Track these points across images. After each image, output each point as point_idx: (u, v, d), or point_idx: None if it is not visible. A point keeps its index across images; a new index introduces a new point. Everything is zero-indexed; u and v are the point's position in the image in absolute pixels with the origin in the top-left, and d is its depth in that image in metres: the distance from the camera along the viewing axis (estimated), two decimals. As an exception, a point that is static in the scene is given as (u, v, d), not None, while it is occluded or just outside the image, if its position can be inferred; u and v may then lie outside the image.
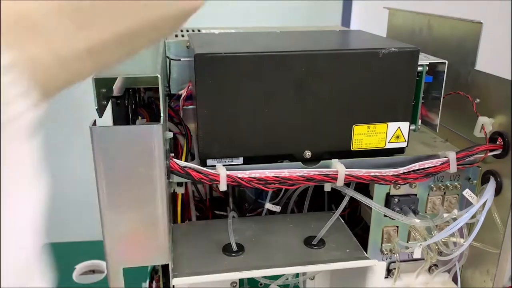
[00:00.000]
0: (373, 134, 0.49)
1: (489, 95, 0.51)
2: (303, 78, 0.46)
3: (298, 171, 0.47)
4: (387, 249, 0.53)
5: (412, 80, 0.49)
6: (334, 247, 0.52)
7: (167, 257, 0.46)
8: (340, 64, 0.47)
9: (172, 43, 0.61)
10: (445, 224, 0.51)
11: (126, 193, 0.43)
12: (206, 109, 0.46)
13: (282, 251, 0.51)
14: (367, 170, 0.47)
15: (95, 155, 0.41)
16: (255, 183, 0.46)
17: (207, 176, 0.45)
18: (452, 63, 0.51)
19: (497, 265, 0.52)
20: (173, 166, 0.44)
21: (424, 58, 0.50)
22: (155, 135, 0.41)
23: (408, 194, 0.52)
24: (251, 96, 0.46)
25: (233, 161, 0.48)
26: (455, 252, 0.52)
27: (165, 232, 0.45)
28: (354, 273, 0.56)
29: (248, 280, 0.68)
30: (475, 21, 0.54)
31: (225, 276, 0.48)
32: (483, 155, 0.50)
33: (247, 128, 0.47)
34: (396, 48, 0.47)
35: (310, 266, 0.50)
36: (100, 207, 0.43)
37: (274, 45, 0.53)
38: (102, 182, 0.42)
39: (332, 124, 0.49)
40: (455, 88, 0.54)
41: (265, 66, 0.45)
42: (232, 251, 0.51)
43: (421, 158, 0.50)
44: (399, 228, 0.53)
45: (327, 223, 0.52)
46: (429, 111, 0.53)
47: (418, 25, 0.65)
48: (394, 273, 0.54)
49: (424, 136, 0.58)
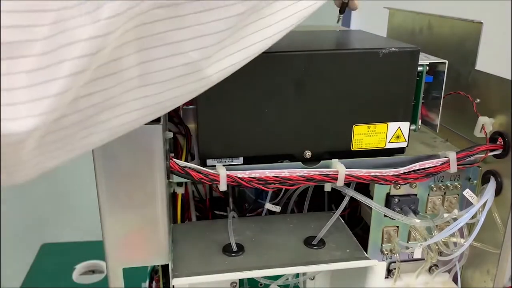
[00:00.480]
0: (373, 134, 0.49)
1: (490, 95, 0.51)
2: (303, 78, 0.46)
3: (298, 171, 0.47)
4: (387, 249, 0.53)
5: (413, 80, 0.49)
6: (334, 247, 0.52)
7: (167, 257, 0.46)
8: (340, 64, 0.47)
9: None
10: (445, 224, 0.51)
11: (126, 193, 0.43)
12: (206, 109, 0.46)
13: (282, 251, 0.51)
14: (367, 170, 0.47)
15: (95, 155, 0.41)
16: (255, 183, 0.46)
17: (207, 176, 0.45)
18: (452, 63, 0.51)
19: (497, 265, 0.52)
20: (173, 166, 0.44)
21: (424, 58, 0.50)
22: (155, 135, 0.41)
23: (408, 194, 0.52)
24: (251, 96, 0.46)
25: (233, 161, 0.48)
26: (456, 252, 0.52)
27: (165, 232, 0.45)
28: (354, 273, 0.56)
29: (248, 280, 0.68)
30: (475, 21, 0.53)
31: (225, 276, 0.48)
32: (484, 155, 0.49)
33: (247, 128, 0.47)
34: (396, 48, 0.47)
35: (310, 266, 0.50)
36: (100, 207, 0.43)
37: (274, 44, 0.53)
38: (102, 182, 0.42)
39: (332, 124, 0.49)
40: (455, 88, 0.54)
41: (265, 66, 0.45)
42: (232, 251, 0.50)
43: (422, 158, 0.50)
44: (399, 228, 0.53)
45: (327, 223, 0.52)
46: (429, 111, 0.53)
47: (418, 25, 0.65)
48: (394, 273, 0.54)
49: (424, 136, 0.58)
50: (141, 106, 0.31)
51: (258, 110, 0.47)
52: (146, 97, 0.31)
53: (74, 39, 0.24)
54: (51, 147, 0.28)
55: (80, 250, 1.09)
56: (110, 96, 0.29)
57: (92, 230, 0.90)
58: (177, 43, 0.30)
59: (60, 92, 0.24)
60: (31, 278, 1.01)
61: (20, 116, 0.23)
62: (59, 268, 1.03)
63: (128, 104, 0.30)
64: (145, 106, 0.31)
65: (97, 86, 0.28)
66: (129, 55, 0.28)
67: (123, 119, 0.30)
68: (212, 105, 0.46)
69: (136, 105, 0.30)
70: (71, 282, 0.98)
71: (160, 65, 0.30)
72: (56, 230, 1.36)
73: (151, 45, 0.29)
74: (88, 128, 0.29)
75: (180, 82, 0.31)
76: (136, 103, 0.30)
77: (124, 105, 0.30)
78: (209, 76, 0.32)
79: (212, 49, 0.31)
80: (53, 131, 0.27)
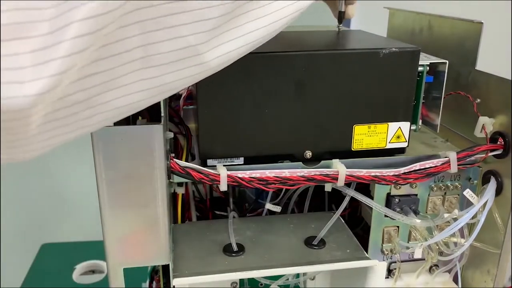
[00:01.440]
0: (373, 134, 0.49)
1: (490, 95, 0.51)
2: (303, 78, 0.46)
3: (299, 171, 0.47)
4: (388, 249, 0.53)
5: (413, 80, 0.49)
6: (334, 247, 0.52)
7: (167, 257, 0.46)
8: (341, 64, 0.47)
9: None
10: (446, 224, 0.51)
11: (127, 193, 0.43)
12: (207, 109, 0.46)
13: (283, 251, 0.51)
14: (367, 170, 0.47)
15: (96, 155, 0.41)
16: (256, 183, 0.46)
17: (207, 176, 0.45)
18: (452, 63, 0.51)
19: (497, 265, 0.52)
20: (174, 166, 0.44)
21: (424, 58, 0.50)
22: (155, 135, 0.41)
23: (409, 194, 0.52)
24: (252, 96, 0.46)
25: (233, 161, 0.48)
26: (456, 252, 0.52)
27: (165, 232, 0.45)
28: (354, 273, 0.56)
29: (248, 280, 0.68)
30: (476, 21, 0.54)
31: (226, 276, 0.48)
32: (484, 155, 0.49)
33: (248, 128, 0.47)
34: (397, 48, 0.47)
35: (311, 266, 0.50)
36: (100, 207, 0.43)
37: (275, 45, 0.53)
38: (102, 182, 0.42)
39: (333, 124, 0.49)
40: (455, 88, 0.54)
41: (266, 66, 0.45)
42: (233, 251, 0.51)
43: (422, 158, 0.50)
44: (400, 228, 0.53)
45: (328, 223, 0.52)
46: (429, 111, 0.53)
47: (418, 25, 0.65)
48: (394, 273, 0.54)
49: (425, 136, 0.58)
50: (143, 88, 0.32)
51: (259, 110, 0.47)
52: (148, 79, 0.31)
53: (73, 20, 0.25)
54: (57, 124, 0.29)
55: (80, 250, 1.09)
56: (114, 77, 0.30)
57: (92, 230, 0.91)
58: (176, 27, 0.31)
59: (65, 55, 0.25)
60: (31, 278, 1.01)
61: (26, 79, 0.24)
62: (59, 268, 1.03)
63: (132, 86, 0.31)
64: (148, 88, 0.32)
65: (101, 67, 0.28)
66: (133, 37, 0.29)
67: (126, 100, 0.31)
68: (213, 105, 0.46)
69: (139, 87, 0.31)
70: (71, 282, 0.98)
71: (161, 48, 0.31)
72: (56, 230, 1.36)
73: (152, 28, 0.30)
74: (93, 107, 0.30)
75: (180, 65, 0.32)
76: (139, 85, 0.31)
77: (127, 87, 0.31)
78: (208, 61, 0.33)
79: (209, 34, 0.32)
80: (58, 109, 0.28)
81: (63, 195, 1.35)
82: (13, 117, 0.25)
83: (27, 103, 0.25)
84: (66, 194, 1.35)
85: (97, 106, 0.30)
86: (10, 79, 0.24)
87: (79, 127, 0.30)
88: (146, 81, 0.31)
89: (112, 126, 0.42)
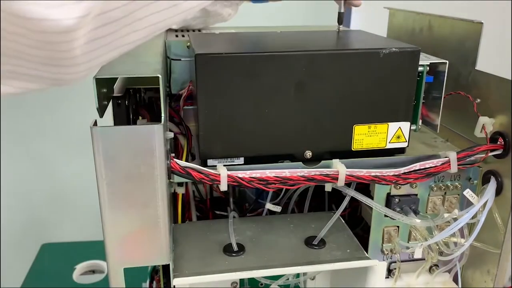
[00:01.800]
0: (373, 134, 0.49)
1: (490, 95, 0.51)
2: (303, 78, 0.46)
3: (299, 171, 0.47)
4: (388, 249, 0.53)
5: (413, 80, 0.49)
6: (334, 247, 0.52)
7: (167, 257, 0.46)
8: (341, 64, 0.47)
9: (172, 43, 0.61)
10: (446, 224, 0.51)
11: (127, 193, 0.43)
12: (207, 109, 0.46)
13: (283, 251, 0.51)
14: (367, 170, 0.47)
15: (96, 155, 0.41)
16: (256, 183, 0.46)
17: (208, 176, 0.45)
18: (452, 63, 0.51)
19: (497, 265, 0.52)
20: (174, 166, 0.44)
21: (424, 58, 0.50)
22: (156, 135, 0.41)
23: (409, 194, 0.52)
24: (252, 96, 0.46)
25: (233, 161, 0.48)
26: (456, 252, 0.52)
27: (165, 232, 0.45)
28: (354, 273, 0.56)
29: (248, 280, 0.68)
30: (476, 21, 0.54)
31: (226, 276, 0.48)
32: (484, 155, 0.50)
33: (248, 128, 0.47)
34: (397, 48, 0.47)
35: (311, 266, 0.50)
36: (101, 207, 0.43)
37: (275, 45, 0.53)
38: (102, 182, 0.42)
39: (333, 124, 0.49)
40: (455, 88, 0.54)
41: (266, 66, 0.45)
42: (233, 251, 0.51)
43: (422, 158, 0.50)
44: (400, 228, 0.53)
45: (328, 223, 0.52)
46: (429, 111, 0.53)
47: (418, 25, 0.65)
48: (394, 273, 0.54)
49: (425, 136, 0.58)
50: (167, 6, 0.34)
51: (259, 110, 0.47)
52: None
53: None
54: (97, 44, 0.31)
55: (80, 250, 1.09)
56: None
57: (92, 230, 0.91)
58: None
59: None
60: (31, 278, 1.01)
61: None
62: (59, 268, 1.03)
63: (159, 3, 0.33)
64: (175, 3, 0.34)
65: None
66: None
67: (156, 18, 0.34)
68: (213, 105, 0.46)
69: (164, 4, 0.34)
70: (71, 282, 0.98)
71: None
72: (56, 230, 1.36)
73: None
74: (129, 25, 0.32)
75: None
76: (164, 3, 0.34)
77: (158, 2, 0.33)
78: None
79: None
80: (99, 26, 0.30)
81: (63, 195, 1.35)
82: (59, 38, 0.27)
83: (72, 24, 0.27)
84: (66, 194, 1.35)
85: (133, 23, 0.32)
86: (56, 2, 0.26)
87: (118, 46, 0.33)
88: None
89: (112, 126, 0.42)
